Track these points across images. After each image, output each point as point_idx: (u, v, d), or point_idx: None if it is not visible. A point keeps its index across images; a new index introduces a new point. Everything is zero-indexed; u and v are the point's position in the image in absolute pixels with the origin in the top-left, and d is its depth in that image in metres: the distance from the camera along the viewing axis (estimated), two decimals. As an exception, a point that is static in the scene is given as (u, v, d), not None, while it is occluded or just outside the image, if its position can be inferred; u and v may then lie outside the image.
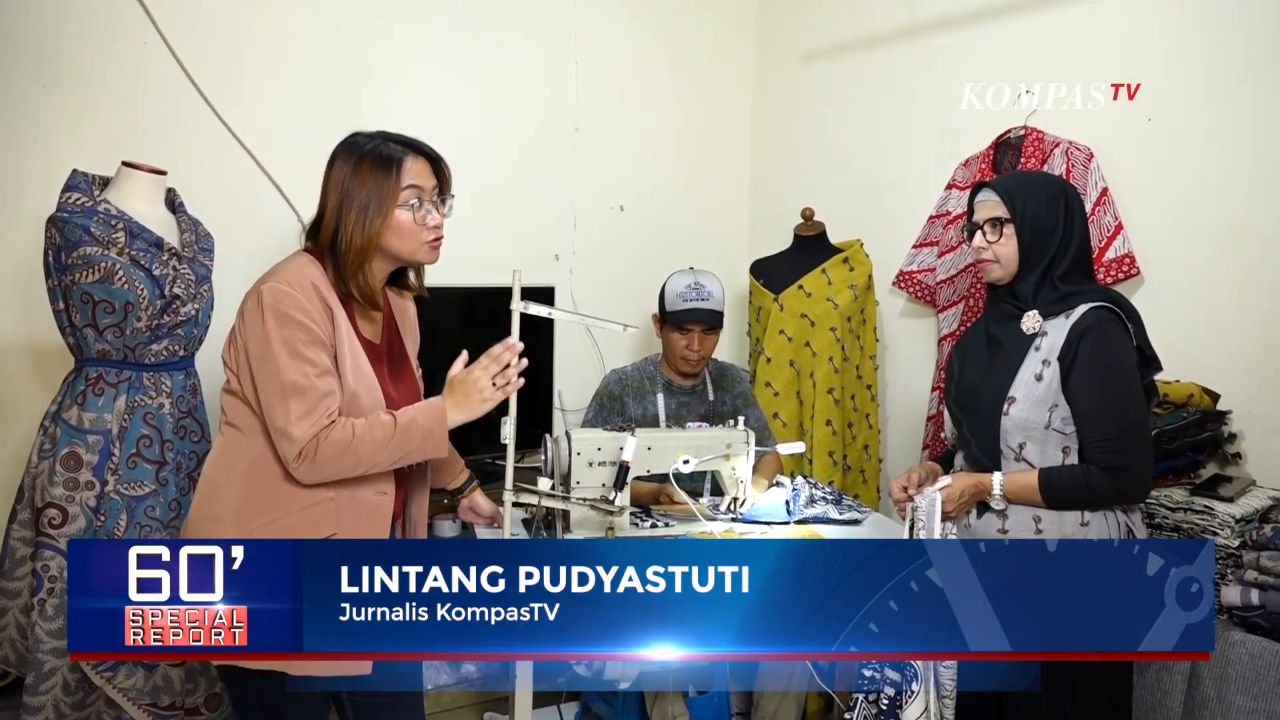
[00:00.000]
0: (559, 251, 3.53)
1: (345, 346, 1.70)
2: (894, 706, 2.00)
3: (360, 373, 1.72)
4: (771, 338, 3.10)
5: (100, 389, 2.16)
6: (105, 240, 2.12)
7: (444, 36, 3.22)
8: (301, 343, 1.64)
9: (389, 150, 1.74)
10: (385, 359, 1.83)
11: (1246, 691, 1.97)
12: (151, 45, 2.75)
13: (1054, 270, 1.97)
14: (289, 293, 1.65)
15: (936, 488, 1.99)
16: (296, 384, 1.63)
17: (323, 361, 1.66)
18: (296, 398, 1.63)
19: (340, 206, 1.71)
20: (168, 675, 2.19)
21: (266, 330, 1.64)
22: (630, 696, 2.58)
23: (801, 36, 3.64)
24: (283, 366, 1.63)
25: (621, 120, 3.61)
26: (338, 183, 1.72)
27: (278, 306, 1.64)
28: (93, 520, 2.14)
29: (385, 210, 1.71)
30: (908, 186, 3.20)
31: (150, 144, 2.65)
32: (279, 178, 2.97)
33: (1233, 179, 2.36)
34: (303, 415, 1.62)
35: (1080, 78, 2.65)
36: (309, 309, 1.66)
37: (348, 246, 1.71)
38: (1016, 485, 1.96)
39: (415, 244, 1.76)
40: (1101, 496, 1.92)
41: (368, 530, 1.75)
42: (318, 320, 1.66)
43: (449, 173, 1.82)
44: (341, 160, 1.74)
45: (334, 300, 1.72)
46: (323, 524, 1.69)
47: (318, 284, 1.70)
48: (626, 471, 2.19)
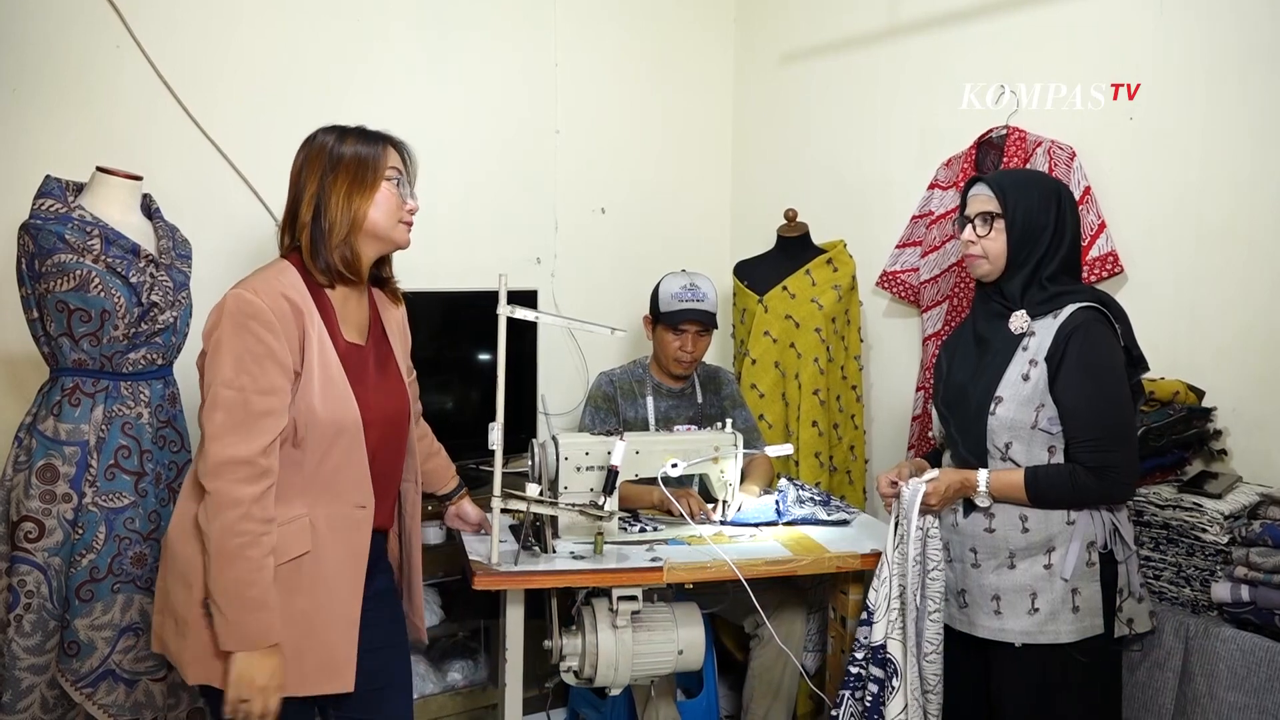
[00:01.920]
0: (540, 255, 3.51)
1: (315, 355, 1.67)
2: (877, 703, 2.00)
3: (331, 380, 1.68)
4: (756, 339, 3.09)
5: (77, 399, 2.12)
6: (80, 247, 2.08)
7: (422, 38, 3.19)
8: (251, 356, 1.60)
9: (371, 133, 1.77)
10: (371, 360, 1.80)
11: (1238, 687, 1.98)
12: (125, 49, 2.71)
13: (1042, 270, 1.97)
14: (252, 301, 1.62)
15: (923, 479, 2.00)
16: (230, 398, 1.59)
17: (269, 379, 1.61)
18: (224, 411, 1.58)
19: (321, 187, 1.71)
20: (149, 691, 2.15)
21: (220, 335, 1.62)
22: (619, 701, 2.57)
23: (781, 37, 3.64)
24: (225, 377, 1.60)
25: (602, 122, 3.59)
26: (318, 164, 1.72)
27: (237, 314, 1.62)
28: (70, 533, 2.09)
29: (372, 183, 1.73)
30: (890, 186, 3.20)
31: (125, 149, 2.62)
32: (256, 183, 2.93)
33: (1216, 177, 2.37)
34: (227, 430, 1.58)
35: (1063, 77, 2.66)
36: (272, 320, 1.62)
37: (332, 224, 1.71)
38: (1002, 483, 1.96)
39: (394, 220, 1.77)
40: (1086, 496, 1.93)
41: (345, 546, 1.71)
42: (279, 333, 1.62)
43: (414, 169, 1.85)
44: (323, 140, 1.75)
45: (308, 306, 1.68)
46: (294, 544, 1.65)
47: (289, 292, 1.67)
48: (615, 476, 2.18)
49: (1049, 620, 1.95)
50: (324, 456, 1.68)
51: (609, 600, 2.16)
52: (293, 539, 1.65)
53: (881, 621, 2.02)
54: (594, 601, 2.21)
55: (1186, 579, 2.13)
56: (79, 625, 2.07)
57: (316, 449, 1.67)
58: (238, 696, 1.59)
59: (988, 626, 2.01)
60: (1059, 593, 1.95)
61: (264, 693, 1.59)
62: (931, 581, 1.99)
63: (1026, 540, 1.97)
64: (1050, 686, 1.97)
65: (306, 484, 1.67)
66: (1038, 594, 1.96)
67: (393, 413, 1.81)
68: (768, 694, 2.61)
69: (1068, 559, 1.94)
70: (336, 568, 1.70)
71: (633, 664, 2.18)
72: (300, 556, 1.65)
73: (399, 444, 1.85)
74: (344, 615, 1.70)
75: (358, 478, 1.72)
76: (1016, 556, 1.98)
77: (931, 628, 1.98)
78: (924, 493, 1.99)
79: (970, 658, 2.06)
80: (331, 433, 1.67)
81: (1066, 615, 1.95)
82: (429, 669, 2.97)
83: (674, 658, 2.22)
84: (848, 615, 2.39)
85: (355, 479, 1.72)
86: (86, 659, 2.08)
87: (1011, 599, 1.98)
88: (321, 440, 1.67)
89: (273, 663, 1.60)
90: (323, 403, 1.66)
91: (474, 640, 3.10)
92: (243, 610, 1.57)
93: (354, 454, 1.71)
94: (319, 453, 1.67)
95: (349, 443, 1.70)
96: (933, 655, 1.99)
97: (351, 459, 1.71)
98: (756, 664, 2.62)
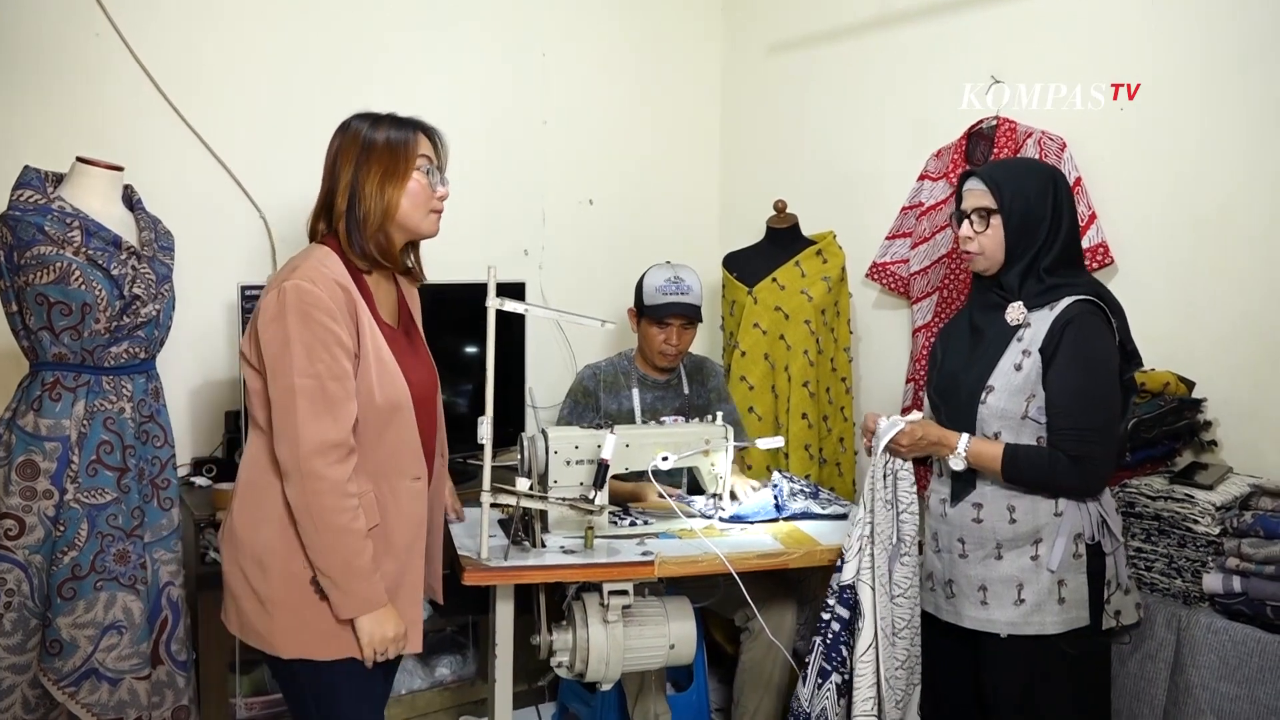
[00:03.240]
0: (528, 247, 3.49)
1: (369, 338, 1.73)
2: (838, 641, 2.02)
3: (383, 360, 1.75)
4: (746, 331, 3.08)
5: (58, 394, 2.08)
6: (60, 239, 2.04)
7: (408, 28, 3.16)
8: (321, 344, 1.65)
9: (403, 119, 1.80)
10: (404, 339, 1.86)
11: (1230, 678, 1.98)
12: (105, 36, 2.66)
13: (1040, 262, 1.96)
14: (312, 290, 1.66)
15: (905, 419, 2.01)
16: (308, 387, 1.64)
17: (340, 365, 1.67)
18: (307, 399, 1.64)
19: (355, 176, 1.74)
20: (133, 689, 2.12)
21: (287, 329, 1.65)
22: (609, 696, 2.55)
23: (770, 27, 3.62)
24: (299, 368, 1.64)
25: (590, 113, 3.57)
26: (352, 152, 1.75)
27: (300, 305, 1.65)
28: (51, 531, 2.05)
29: (404, 173, 1.75)
30: (880, 177, 3.18)
31: (105, 139, 2.57)
32: (240, 173, 2.89)
33: (1207, 167, 2.37)
34: (313, 417, 1.64)
35: (1055, 69, 2.65)
36: (332, 308, 1.67)
37: (367, 213, 1.74)
38: (980, 449, 1.96)
39: (424, 211, 1.79)
40: (1060, 483, 1.93)
41: (407, 517, 1.79)
42: (340, 320, 1.68)
43: (446, 155, 1.87)
44: (356, 127, 1.77)
45: (355, 291, 1.73)
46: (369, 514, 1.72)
47: (340, 279, 1.71)
48: (606, 470, 2.16)
49: (1034, 611, 1.95)
50: (382, 434, 1.74)
51: (600, 595, 2.14)
52: (368, 510, 1.72)
53: (852, 562, 2.02)
54: (584, 596, 2.19)
55: (1178, 570, 2.13)
56: (61, 624, 2.04)
57: (376, 427, 1.73)
58: (375, 651, 1.73)
59: (974, 617, 2.00)
60: (1045, 584, 1.95)
61: (396, 641, 1.75)
62: (903, 524, 2.00)
63: (1014, 531, 1.96)
64: (1036, 677, 1.96)
65: (367, 461, 1.73)
66: (1024, 585, 1.96)
67: (428, 388, 1.89)
68: (758, 687, 2.60)
69: (1054, 551, 1.94)
70: (402, 537, 1.79)
71: (624, 659, 2.16)
72: (371, 530, 1.72)
73: (433, 417, 1.92)
74: (411, 582, 1.81)
75: (413, 452, 1.80)
76: (1004, 547, 1.97)
77: (901, 570, 2.00)
78: (898, 431, 1.98)
79: (958, 648, 2.06)
80: (388, 411, 1.74)
81: (1052, 606, 1.95)
82: (417, 664, 2.95)
83: (665, 652, 2.21)
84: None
85: (411, 453, 1.80)
86: (69, 658, 2.05)
87: (998, 589, 1.97)
88: (380, 419, 1.73)
89: (393, 613, 1.74)
90: (379, 383, 1.72)
91: (462, 635, 3.08)
92: (357, 579, 1.68)
93: (407, 430, 1.78)
94: (378, 431, 1.74)
95: (403, 419, 1.77)
96: (901, 599, 2.00)
97: (405, 435, 1.78)
98: (747, 657, 2.61)
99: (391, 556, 1.77)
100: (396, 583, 1.78)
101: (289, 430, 1.65)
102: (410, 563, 1.82)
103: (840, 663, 2.03)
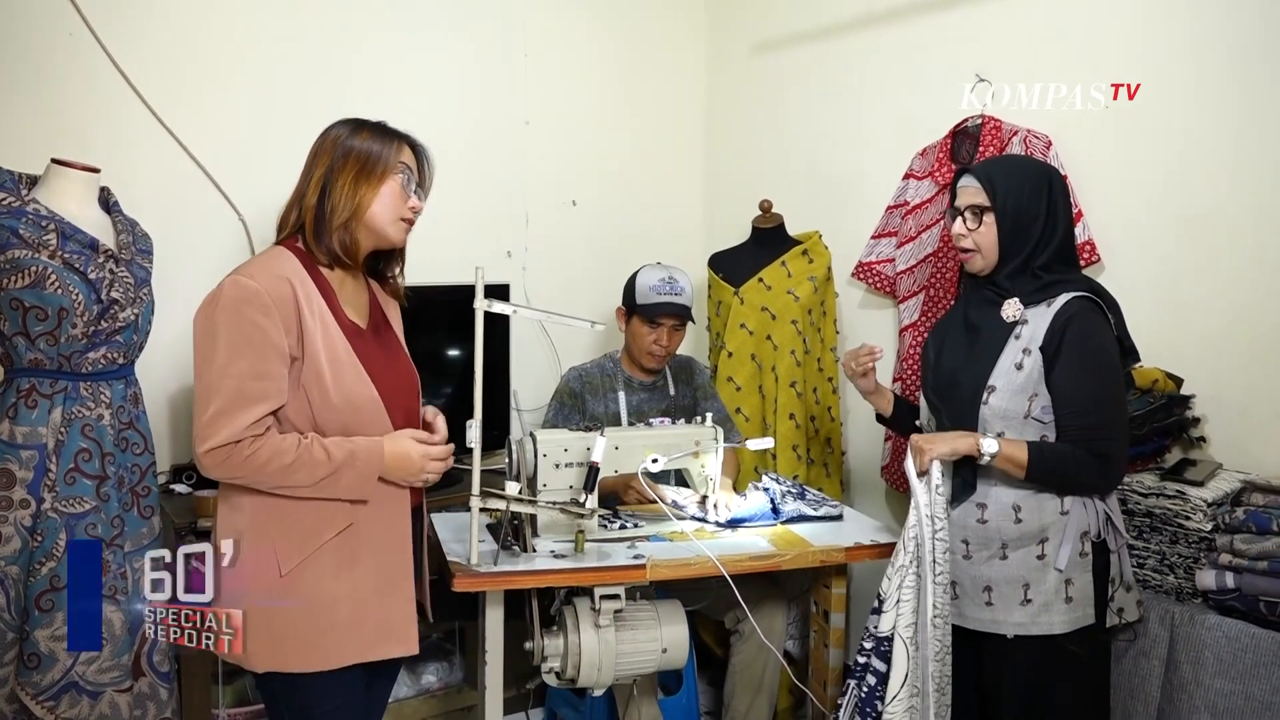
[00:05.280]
0: (511, 248, 3.45)
1: (318, 336, 1.68)
2: (873, 696, 1.98)
3: (339, 359, 1.71)
4: (733, 332, 3.06)
5: (34, 401, 2.03)
6: (35, 243, 2.00)
7: (389, 27, 3.12)
8: (246, 340, 1.62)
9: (389, 129, 1.80)
10: (373, 340, 1.82)
11: (1224, 674, 1.98)
12: (79, 36, 2.61)
13: (1035, 260, 1.95)
14: (247, 285, 1.64)
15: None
16: (222, 384, 1.61)
17: (265, 365, 1.63)
18: (218, 397, 1.61)
19: (329, 173, 1.73)
20: (114, 702, 2.07)
21: (215, 321, 1.63)
22: (599, 701, 2.52)
23: (753, 26, 3.60)
24: (218, 363, 1.61)
25: (572, 113, 3.54)
26: (330, 152, 1.74)
27: (233, 299, 1.63)
28: (29, 541, 2.01)
29: (379, 176, 1.74)
30: (865, 177, 3.17)
31: (81, 141, 2.53)
32: (218, 174, 2.84)
33: (1193, 164, 2.37)
34: (218, 415, 1.61)
35: (1040, 66, 2.65)
36: (268, 304, 1.63)
37: (335, 207, 1.72)
38: (1008, 452, 1.91)
39: (393, 216, 1.77)
40: (1081, 481, 1.92)
41: (385, 514, 1.75)
42: (274, 317, 1.64)
43: (430, 172, 1.86)
44: (338, 131, 1.76)
45: (307, 289, 1.70)
46: (338, 518, 1.69)
47: (291, 276, 1.68)
48: (596, 473, 2.13)
49: (1042, 611, 1.94)
50: (348, 434, 1.70)
51: (591, 599, 2.12)
52: (336, 513, 1.69)
53: (890, 613, 1.95)
54: (575, 601, 2.16)
55: (1170, 567, 2.13)
56: (39, 636, 1.99)
57: (338, 427, 1.70)
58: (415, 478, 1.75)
59: (978, 618, 1.99)
60: (1052, 583, 1.93)
61: (423, 459, 1.75)
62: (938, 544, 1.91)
63: (1019, 531, 1.95)
64: (1043, 677, 1.95)
65: None
66: (1030, 585, 1.94)
67: (403, 392, 1.83)
68: (749, 689, 2.59)
69: (1062, 550, 1.93)
70: (382, 536, 1.75)
71: (616, 664, 2.14)
72: (345, 529, 1.70)
73: (413, 422, 1.87)
74: (397, 581, 1.77)
75: None
76: (1009, 547, 1.96)
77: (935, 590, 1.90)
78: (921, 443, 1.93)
79: (959, 649, 2.04)
80: (348, 411, 1.70)
81: (1060, 606, 1.93)
82: (404, 672, 2.91)
83: (658, 656, 2.19)
84: (830, 609, 2.36)
85: None
86: (48, 671, 2.00)
87: (1004, 590, 1.96)
88: (338, 418, 1.70)
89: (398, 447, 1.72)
90: (334, 382, 1.69)
91: (449, 642, 3.04)
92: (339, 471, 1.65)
93: (381, 431, 1.74)
94: (341, 432, 1.70)
95: (372, 418, 1.73)
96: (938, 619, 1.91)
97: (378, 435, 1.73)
98: (738, 660, 2.60)
99: (363, 560, 1.72)
100: (378, 583, 1.73)
101: (200, 423, 1.62)
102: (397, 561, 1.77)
103: (875, 716, 1.97)
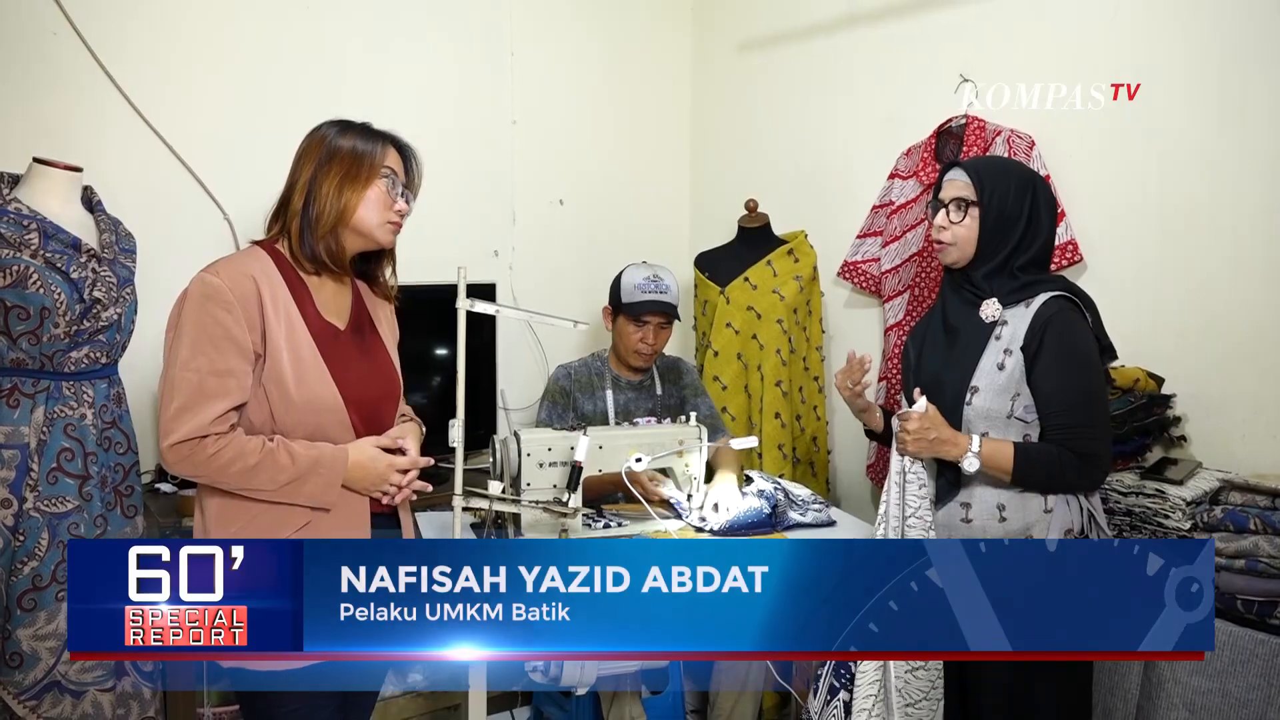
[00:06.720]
0: (498, 247, 3.46)
1: (281, 336, 1.67)
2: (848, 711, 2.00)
3: (301, 358, 1.69)
4: (718, 331, 3.07)
5: (15, 400, 2.03)
6: (17, 242, 1.99)
7: (374, 26, 3.12)
8: (208, 337, 1.62)
9: (376, 131, 1.79)
10: (351, 341, 1.80)
11: (1201, 672, 1.99)
12: (62, 35, 2.60)
13: (1013, 261, 1.96)
14: (213, 282, 1.64)
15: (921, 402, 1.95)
16: (183, 380, 1.61)
17: (226, 361, 1.62)
18: (180, 393, 1.60)
19: (314, 176, 1.72)
20: (97, 702, 2.07)
21: (181, 318, 1.64)
22: (585, 700, 2.53)
23: (740, 25, 3.61)
24: (181, 359, 1.61)
25: (559, 112, 3.54)
26: (315, 154, 1.73)
27: (197, 295, 1.64)
28: (10, 541, 2.00)
29: (365, 179, 1.73)
30: (850, 176, 3.18)
31: (63, 139, 2.52)
32: (203, 174, 2.83)
33: (1175, 165, 2.38)
34: (180, 410, 1.60)
35: (1022, 65, 2.66)
36: (230, 301, 1.63)
37: (320, 213, 1.71)
38: (993, 451, 1.92)
39: (380, 219, 1.76)
40: (1067, 480, 1.92)
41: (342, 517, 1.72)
42: (237, 314, 1.63)
43: (418, 174, 1.85)
44: (325, 131, 1.75)
45: (275, 288, 1.69)
46: (294, 517, 1.68)
47: (257, 274, 1.67)
48: (579, 472, 2.13)
49: None
50: (309, 436, 1.69)
51: (574, 598, 2.12)
52: (293, 512, 1.68)
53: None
54: (559, 600, 2.16)
55: (1150, 565, 2.14)
56: (21, 635, 1.99)
57: (298, 429, 1.69)
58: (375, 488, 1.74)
59: None
60: None
61: (388, 468, 1.74)
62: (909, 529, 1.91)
63: (1004, 529, 1.96)
64: (1027, 675, 1.96)
65: None
66: None
67: (375, 395, 1.81)
68: (734, 688, 2.59)
69: None
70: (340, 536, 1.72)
71: (600, 663, 2.14)
72: (302, 527, 1.68)
73: (384, 426, 1.85)
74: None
75: None
76: None
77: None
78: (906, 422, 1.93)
79: None
80: (309, 411, 1.69)
81: None
82: (390, 672, 2.91)
83: (641, 655, 2.19)
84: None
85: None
86: (30, 670, 2.00)
87: None
88: (301, 419, 1.69)
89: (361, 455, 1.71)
90: (295, 381, 1.67)
91: (435, 640, 3.04)
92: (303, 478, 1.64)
93: (342, 434, 1.73)
94: (302, 432, 1.69)
95: (334, 421, 1.72)
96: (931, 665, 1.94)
97: (339, 438, 1.72)
98: (723, 658, 2.60)
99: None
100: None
101: (163, 420, 1.61)
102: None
103: (849, 680, 1.99)
